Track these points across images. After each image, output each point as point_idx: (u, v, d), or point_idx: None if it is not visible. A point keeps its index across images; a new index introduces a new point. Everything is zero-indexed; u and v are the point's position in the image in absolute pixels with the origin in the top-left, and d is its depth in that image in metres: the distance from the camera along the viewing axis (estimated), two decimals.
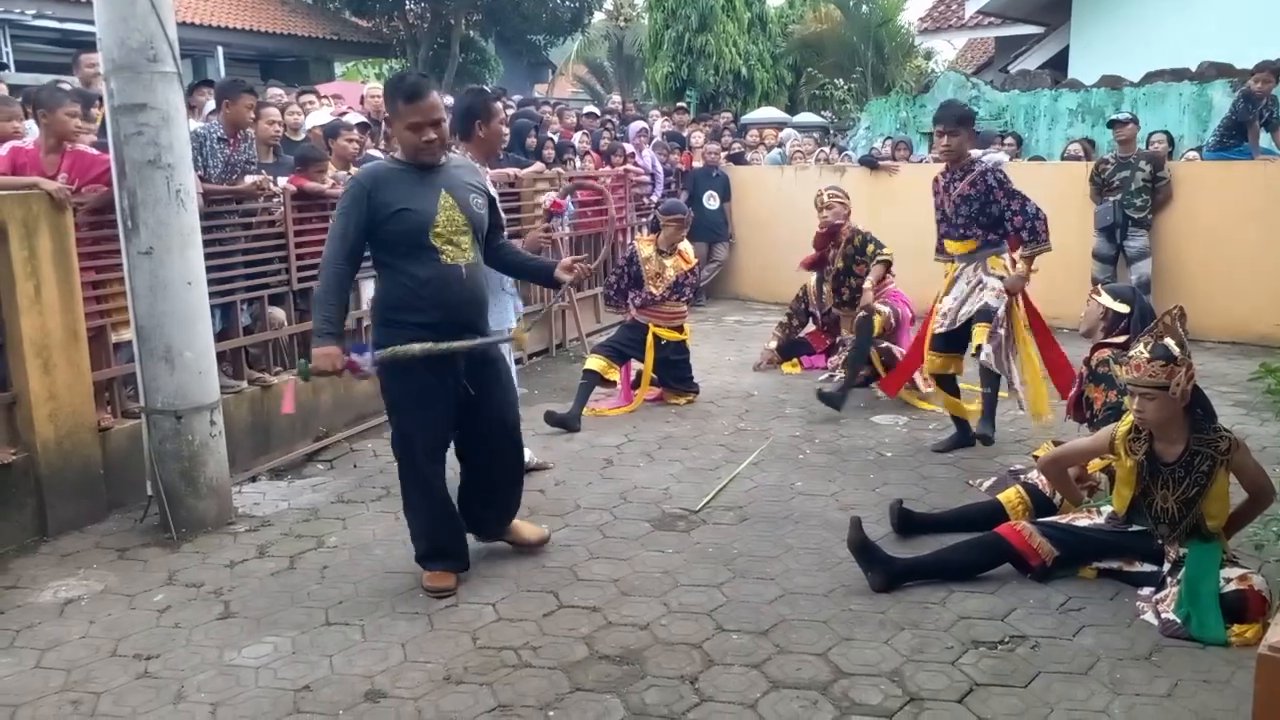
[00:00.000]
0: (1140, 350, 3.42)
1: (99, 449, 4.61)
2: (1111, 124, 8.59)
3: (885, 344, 6.64)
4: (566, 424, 5.97)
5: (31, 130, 5.07)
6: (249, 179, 5.65)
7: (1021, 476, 4.48)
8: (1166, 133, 9.21)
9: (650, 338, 6.48)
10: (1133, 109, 9.92)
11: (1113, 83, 10.83)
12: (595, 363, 6.37)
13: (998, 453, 5.40)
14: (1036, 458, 4.65)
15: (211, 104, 6.63)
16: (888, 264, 6.71)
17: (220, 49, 17.41)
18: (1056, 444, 4.52)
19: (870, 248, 6.72)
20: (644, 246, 6.60)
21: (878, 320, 6.53)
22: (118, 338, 4.82)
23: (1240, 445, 3.46)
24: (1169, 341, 3.39)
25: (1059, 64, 13.47)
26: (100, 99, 4.94)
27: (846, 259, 6.74)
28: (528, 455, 5.14)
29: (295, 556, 4.18)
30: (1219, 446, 3.42)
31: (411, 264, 3.54)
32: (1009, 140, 10.30)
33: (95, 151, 4.79)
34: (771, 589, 3.76)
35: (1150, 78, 10.65)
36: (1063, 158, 9.74)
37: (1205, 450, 3.43)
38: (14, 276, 4.24)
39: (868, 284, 6.64)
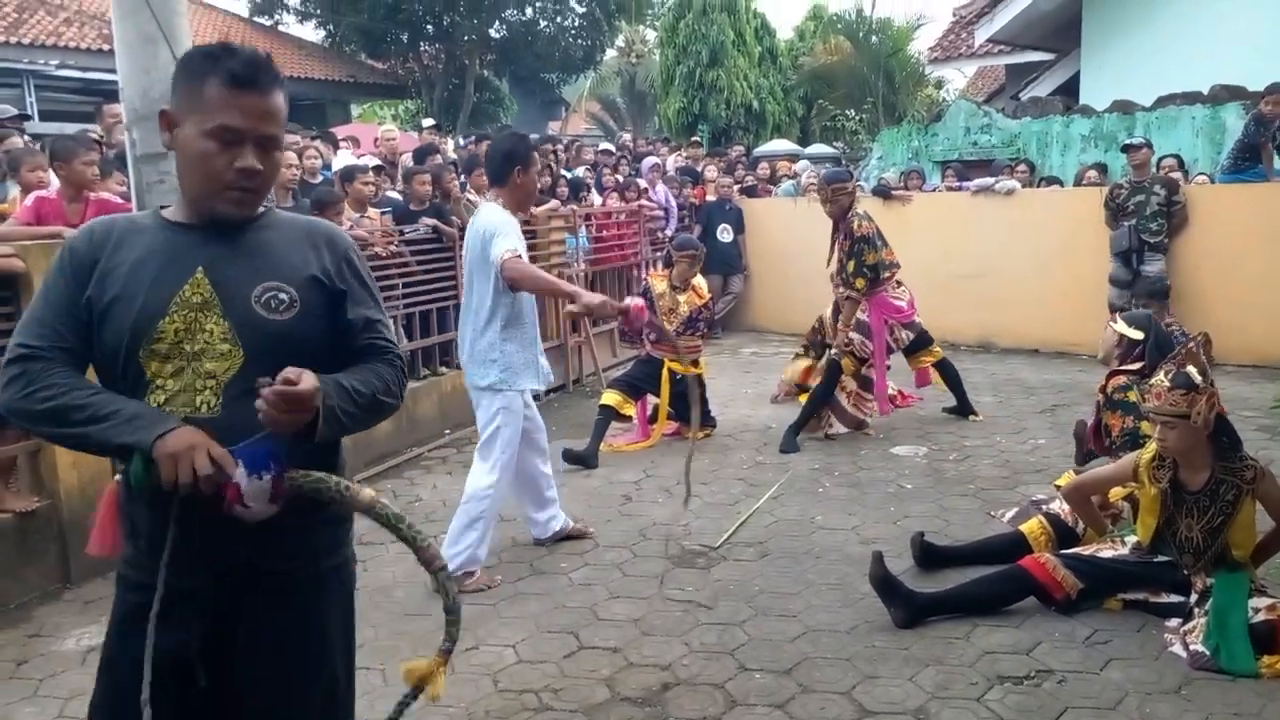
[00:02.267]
0: (1161, 378, 3.40)
1: None
2: (1125, 149, 8.59)
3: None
4: (584, 460, 5.97)
5: (55, 181, 5.16)
6: None
7: (1043, 507, 4.44)
8: (1177, 156, 9.20)
9: (666, 372, 6.49)
10: (1145, 133, 9.90)
11: (1124, 107, 10.84)
12: (611, 398, 6.38)
13: (1019, 483, 5.36)
14: (1058, 487, 4.62)
15: None
16: (856, 302, 6.28)
17: None
18: (1078, 473, 4.49)
19: (851, 264, 6.21)
20: (658, 282, 6.63)
21: (847, 363, 6.34)
22: None
23: (1266, 474, 3.43)
24: (1190, 369, 3.37)
25: (1070, 90, 13.49)
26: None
27: (843, 253, 6.34)
28: (561, 523, 4.73)
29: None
30: (1244, 475, 3.40)
31: None
32: (1021, 168, 10.31)
33: (120, 200, 4.87)
34: (794, 626, 3.74)
35: (1162, 102, 10.65)
36: (1077, 183, 9.74)
37: (1230, 479, 3.40)
38: None
39: (840, 323, 6.35)
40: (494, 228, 4.16)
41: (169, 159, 4.23)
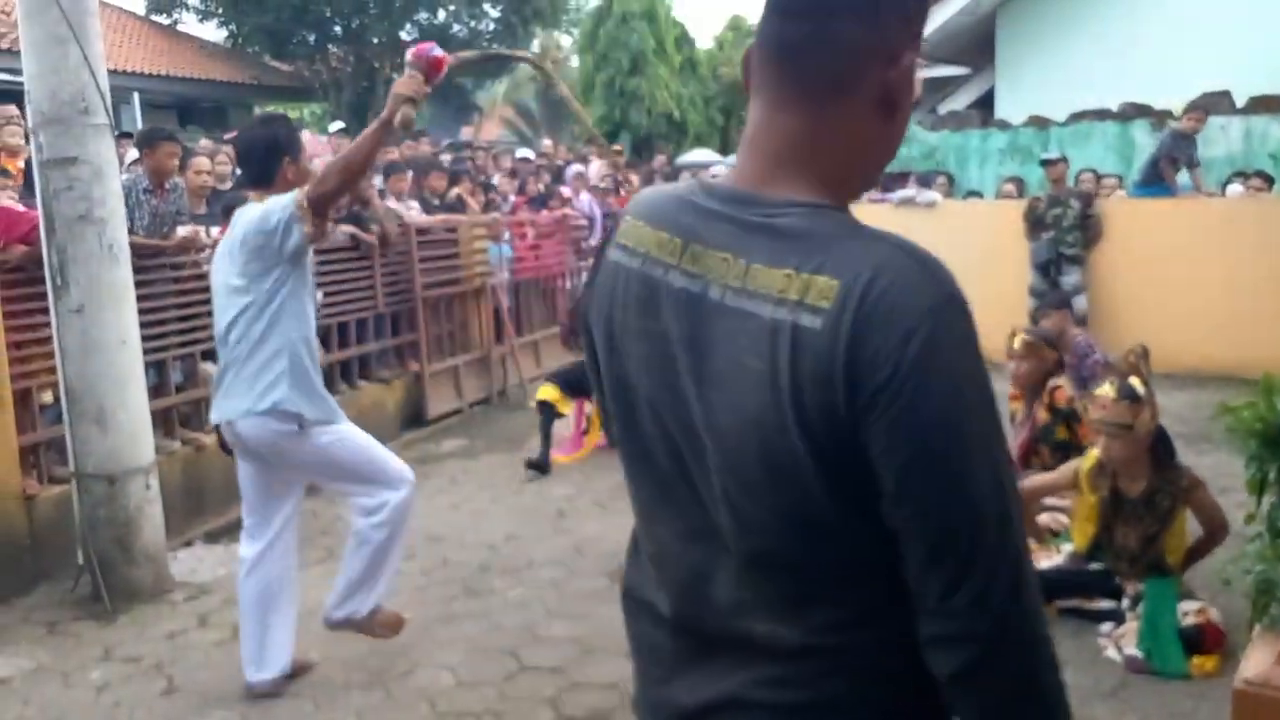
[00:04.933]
0: (1107, 389, 3.48)
1: (25, 518, 4.37)
2: (1044, 163, 8.81)
3: None
4: (540, 468, 5.91)
5: None
6: (181, 231, 5.48)
7: None
8: (1115, 175, 9.46)
9: None
10: (1060, 148, 10.18)
11: (1040, 123, 11.14)
12: (549, 392, 6.04)
13: None
14: None
15: (133, 153, 6.44)
16: None
17: (136, 95, 17.05)
18: None
19: None
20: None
21: None
22: (40, 400, 4.60)
23: (1200, 483, 3.53)
24: (1134, 381, 3.46)
25: (985, 104, 13.81)
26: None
27: None
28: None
29: (238, 625, 3.99)
30: (1180, 484, 3.48)
31: None
32: (940, 180, 10.50)
33: (22, 208, 4.61)
34: None
35: (1075, 118, 10.98)
36: (997, 197, 9.96)
37: (1167, 488, 3.48)
38: None
39: None
40: (267, 207, 3.27)
41: (78, 164, 4.01)
